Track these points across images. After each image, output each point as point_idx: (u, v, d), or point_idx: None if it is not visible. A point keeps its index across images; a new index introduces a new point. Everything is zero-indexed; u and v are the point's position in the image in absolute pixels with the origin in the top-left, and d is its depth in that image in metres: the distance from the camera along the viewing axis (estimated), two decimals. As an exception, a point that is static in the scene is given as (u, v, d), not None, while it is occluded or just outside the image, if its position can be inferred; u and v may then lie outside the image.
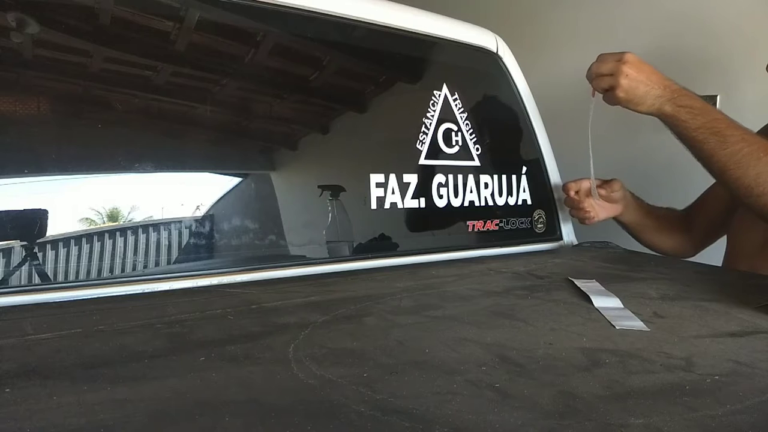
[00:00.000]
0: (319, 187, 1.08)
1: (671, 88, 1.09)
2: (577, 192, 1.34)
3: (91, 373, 0.55)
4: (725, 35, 1.87)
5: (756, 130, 1.60)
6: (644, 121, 1.29)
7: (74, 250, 0.83)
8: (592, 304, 0.84)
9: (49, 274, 0.80)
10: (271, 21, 1.06)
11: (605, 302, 0.84)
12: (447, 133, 1.27)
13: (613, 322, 0.75)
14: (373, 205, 1.13)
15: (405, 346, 0.65)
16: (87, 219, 0.85)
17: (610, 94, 1.11)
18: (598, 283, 0.94)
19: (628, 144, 2.06)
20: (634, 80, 1.08)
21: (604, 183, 1.34)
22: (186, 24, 0.96)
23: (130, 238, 0.88)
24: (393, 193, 1.16)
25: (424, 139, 1.24)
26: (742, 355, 0.65)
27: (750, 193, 0.98)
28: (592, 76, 1.13)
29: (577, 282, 0.95)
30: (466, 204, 1.27)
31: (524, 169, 1.41)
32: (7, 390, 0.50)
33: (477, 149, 1.32)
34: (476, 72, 1.40)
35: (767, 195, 0.98)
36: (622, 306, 0.83)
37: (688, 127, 1.05)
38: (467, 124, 1.31)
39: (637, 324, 0.75)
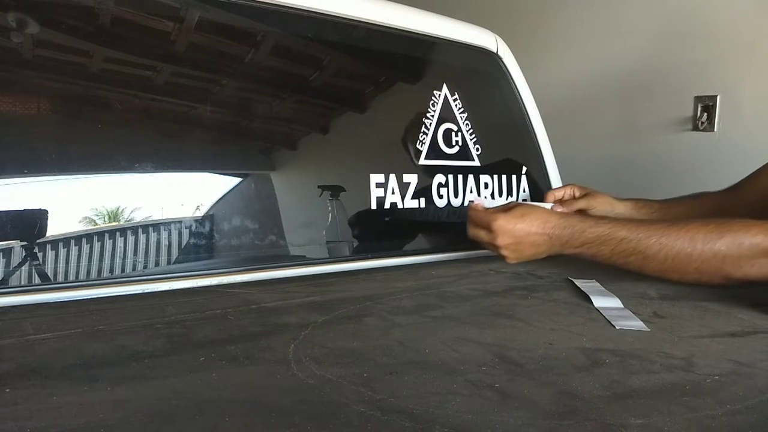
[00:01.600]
0: (319, 187, 1.08)
1: (555, 236, 0.96)
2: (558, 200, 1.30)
3: (91, 373, 0.55)
4: (725, 35, 1.87)
5: (756, 129, 1.60)
6: (645, 121, 1.30)
7: (74, 250, 0.83)
8: (592, 304, 0.84)
9: (49, 274, 0.80)
10: (271, 21, 1.06)
11: (605, 302, 0.84)
12: (447, 133, 1.27)
13: (613, 322, 0.75)
14: (373, 206, 1.13)
15: (405, 346, 0.65)
16: (87, 219, 0.85)
17: None
18: (597, 283, 0.94)
19: (629, 144, 2.07)
20: (515, 251, 0.97)
21: (564, 202, 1.27)
22: (186, 24, 0.96)
23: (130, 238, 0.88)
24: (393, 193, 1.16)
25: (424, 139, 1.24)
26: (742, 355, 0.65)
27: (700, 282, 0.90)
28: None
29: (577, 282, 0.95)
30: (466, 204, 1.27)
31: (524, 169, 1.41)
32: (7, 390, 0.50)
33: (477, 149, 1.32)
34: (476, 72, 1.40)
35: (715, 279, 0.89)
36: (622, 306, 0.83)
37: (600, 259, 0.95)
38: (467, 124, 1.31)
39: (637, 324, 0.75)
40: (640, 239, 0.92)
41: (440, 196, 1.25)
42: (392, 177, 1.16)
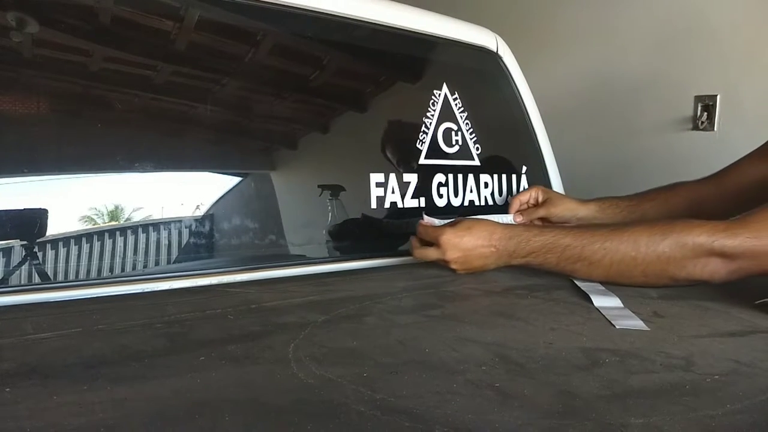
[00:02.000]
0: (319, 186, 1.08)
1: (501, 247, 0.98)
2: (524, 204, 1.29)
3: (91, 372, 0.55)
4: (725, 35, 1.87)
5: (756, 129, 1.60)
6: (645, 121, 1.29)
7: (74, 249, 0.83)
8: (592, 304, 0.84)
9: (49, 273, 0.80)
10: (272, 20, 1.06)
11: (605, 302, 0.84)
12: (447, 133, 1.27)
13: (613, 322, 0.75)
14: (374, 205, 1.13)
15: (405, 345, 0.65)
16: (87, 218, 0.85)
17: None
18: (597, 283, 0.94)
19: (629, 143, 2.07)
20: (464, 263, 0.99)
21: (526, 210, 1.27)
22: (186, 23, 0.96)
23: (130, 238, 0.88)
24: (393, 192, 1.16)
25: (424, 138, 1.24)
26: (742, 354, 0.65)
27: (647, 284, 0.92)
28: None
29: (577, 281, 0.95)
30: (466, 204, 1.28)
31: (524, 168, 1.41)
32: (8, 389, 0.50)
33: (477, 149, 1.32)
34: (476, 71, 1.40)
35: (662, 281, 0.91)
36: (622, 305, 0.83)
37: (549, 267, 0.96)
38: (467, 123, 1.31)
39: (638, 323, 0.75)
40: (584, 245, 0.93)
41: (440, 196, 1.25)
42: (392, 176, 1.16)
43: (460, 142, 1.29)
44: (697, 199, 1.21)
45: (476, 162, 1.32)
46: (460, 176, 1.27)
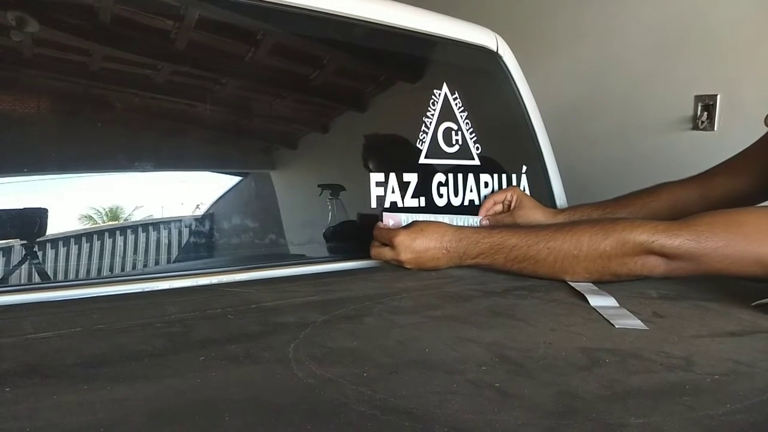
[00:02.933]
0: (319, 186, 1.08)
1: (452, 247, 1.01)
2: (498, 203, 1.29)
3: (91, 372, 0.55)
4: (725, 35, 1.87)
5: (756, 129, 1.60)
6: (645, 120, 1.29)
7: (74, 248, 0.83)
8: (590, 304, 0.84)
9: (49, 272, 0.80)
10: (272, 20, 1.06)
11: (601, 301, 0.84)
12: (447, 133, 1.27)
13: (612, 321, 0.75)
14: (374, 204, 1.13)
15: (405, 345, 0.65)
16: (87, 218, 0.85)
17: None
18: (591, 284, 0.94)
19: (629, 143, 2.07)
20: (417, 264, 1.02)
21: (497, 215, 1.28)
22: (186, 23, 0.96)
23: (130, 237, 0.88)
24: (393, 192, 1.16)
25: (424, 138, 1.24)
26: (742, 354, 0.65)
27: (591, 280, 0.94)
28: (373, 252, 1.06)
29: (571, 282, 0.94)
30: (466, 203, 1.28)
31: (524, 168, 1.41)
32: (8, 389, 0.50)
33: (477, 148, 1.32)
34: (476, 71, 1.40)
35: (605, 276, 0.94)
36: (618, 305, 0.83)
37: (498, 267, 1.00)
38: (467, 123, 1.31)
39: (636, 323, 0.75)
40: (530, 245, 0.97)
41: (440, 195, 1.25)
42: (392, 176, 1.16)
43: (460, 142, 1.30)
44: (681, 202, 1.21)
45: (476, 162, 1.32)
46: (460, 176, 1.27)
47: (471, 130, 1.32)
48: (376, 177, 1.14)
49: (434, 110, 1.26)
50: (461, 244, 1.01)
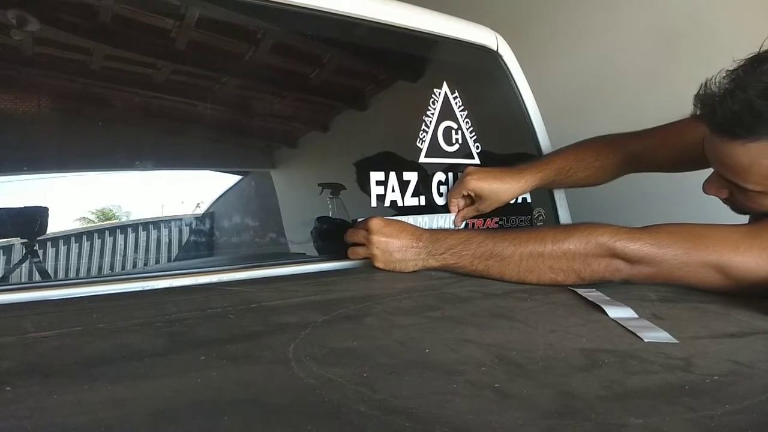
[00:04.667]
0: (319, 185, 1.08)
1: (422, 245, 1.02)
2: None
3: (92, 371, 0.55)
4: (725, 34, 1.86)
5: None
6: (645, 120, 1.29)
7: (74, 247, 0.83)
8: (593, 308, 0.83)
9: (49, 271, 0.80)
10: (272, 19, 1.06)
11: (620, 312, 0.81)
12: (447, 131, 1.27)
13: (639, 334, 0.71)
14: (373, 203, 1.13)
15: (405, 346, 0.65)
16: (87, 217, 0.85)
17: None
18: (600, 293, 0.91)
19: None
20: (385, 251, 1.02)
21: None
22: (186, 21, 0.96)
23: (131, 236, 0.88)
24: (393, 191, 1.16)
25: (424, 137, 1.24)
26: (741, 355, 0.65)
27: (557, 282, 0.96)
28: (348, 247, 1.08)
29: (581, 291, 0.93)
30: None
31: (524, 167, 1.41)
32: (8, 388, 0.50)
33: (477, 147, 1.32)
34: (476, 70, 1.40)
35: (570, 278, 0.95)
36: (637, 315, 0.80)
37: (462, 267, 1.01)
38: (467, 122, 1.31)
39: (664, 335, 0.72)
40: (496, 242, 0.99)
41: (440, 194, 1.25)
42: (392, 175, 1.16)
43: (460, 141, 1.30)
44: (634, 153, 1.27)
45: (476, 160, 1.32)
46: (460, 175, 1.27)
47: (471, 129, 1.32)
48: (376, 176, 1.14)
49: (434, 109, 1.26)
50: (428, 240, 1.03)
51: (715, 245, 0.90)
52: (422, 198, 1.21)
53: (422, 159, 1.23)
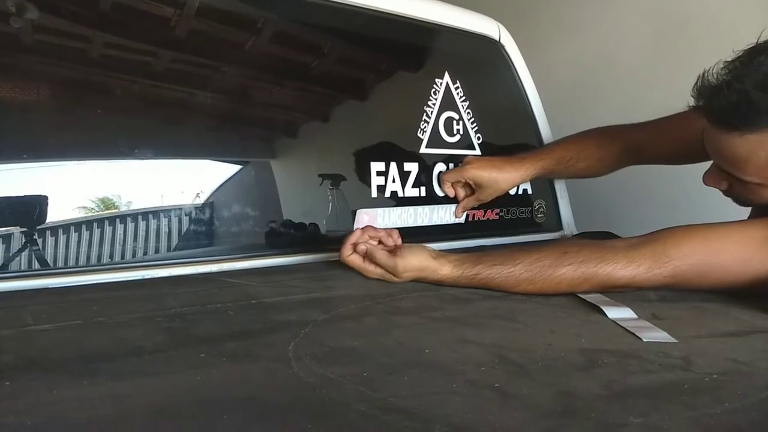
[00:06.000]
0: (319, 175, 1.07)
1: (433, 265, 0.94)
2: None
3: (91, 367, 0.55)
4: (725, 34, 1.85)
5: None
6: (645, 116, 1.28)
7: (74, 236, 0.83)
8: (592, 309, 0.83)
9: (48, 260, 0.80)
10: (273, 7, 1.05)
11: (619, 313, 0.80)
12: (448, 122, 1.27)
13: (638, 334, 0.71)
14: (374, 194, 1.13)
15: (405, 346, 0.65)
16: (87, 205, 0.84)
17: None
18: (600, 295, 0.90)
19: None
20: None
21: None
22: (187, 10, 0.95)
23: (130, 225, 0.88)
24: (394, 181, 1.16)
25: (425, 127, 1.23)
26: (741, 354, 0.65)
27: (560, 291, 0.90)
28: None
29: (581, 294, 0.92)
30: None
31: (525, 158, 1.40)
32: (8, 383, 0.50)
33: (478, 138, 1.32)
34: (478, 60, 1.39)
35: (548, 283, 0.89)
36: (636, 316, 0.80)
37: (469, 276, 0.93)
38: (469, 112, 1.30)
39: (663, 335, 0.72)
40: (496, 257, 0.93)
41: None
42: (393, 165, 1.16)
43: (461, 131, 1.29)
44: (635, 144, 1.25)
45: (477, 151, 1.31)
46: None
47: (472, 119, 1.31)
48: (377, 166, 1.14)
49: (436, 99, 1.25)
50: (439, 260, 0.94)
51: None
52: (423, 189, 1.21)
53: (423, 149, 1.22)
